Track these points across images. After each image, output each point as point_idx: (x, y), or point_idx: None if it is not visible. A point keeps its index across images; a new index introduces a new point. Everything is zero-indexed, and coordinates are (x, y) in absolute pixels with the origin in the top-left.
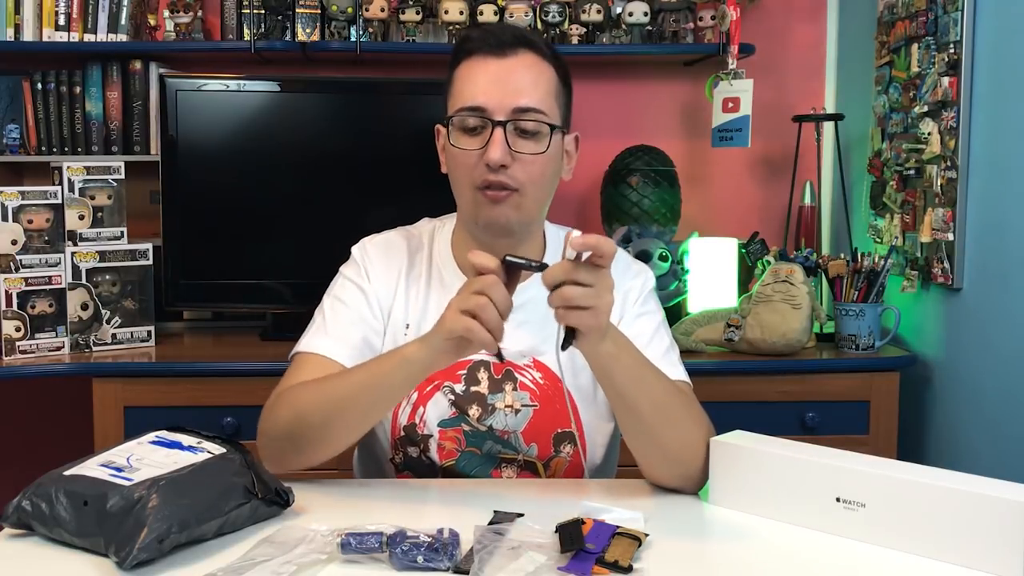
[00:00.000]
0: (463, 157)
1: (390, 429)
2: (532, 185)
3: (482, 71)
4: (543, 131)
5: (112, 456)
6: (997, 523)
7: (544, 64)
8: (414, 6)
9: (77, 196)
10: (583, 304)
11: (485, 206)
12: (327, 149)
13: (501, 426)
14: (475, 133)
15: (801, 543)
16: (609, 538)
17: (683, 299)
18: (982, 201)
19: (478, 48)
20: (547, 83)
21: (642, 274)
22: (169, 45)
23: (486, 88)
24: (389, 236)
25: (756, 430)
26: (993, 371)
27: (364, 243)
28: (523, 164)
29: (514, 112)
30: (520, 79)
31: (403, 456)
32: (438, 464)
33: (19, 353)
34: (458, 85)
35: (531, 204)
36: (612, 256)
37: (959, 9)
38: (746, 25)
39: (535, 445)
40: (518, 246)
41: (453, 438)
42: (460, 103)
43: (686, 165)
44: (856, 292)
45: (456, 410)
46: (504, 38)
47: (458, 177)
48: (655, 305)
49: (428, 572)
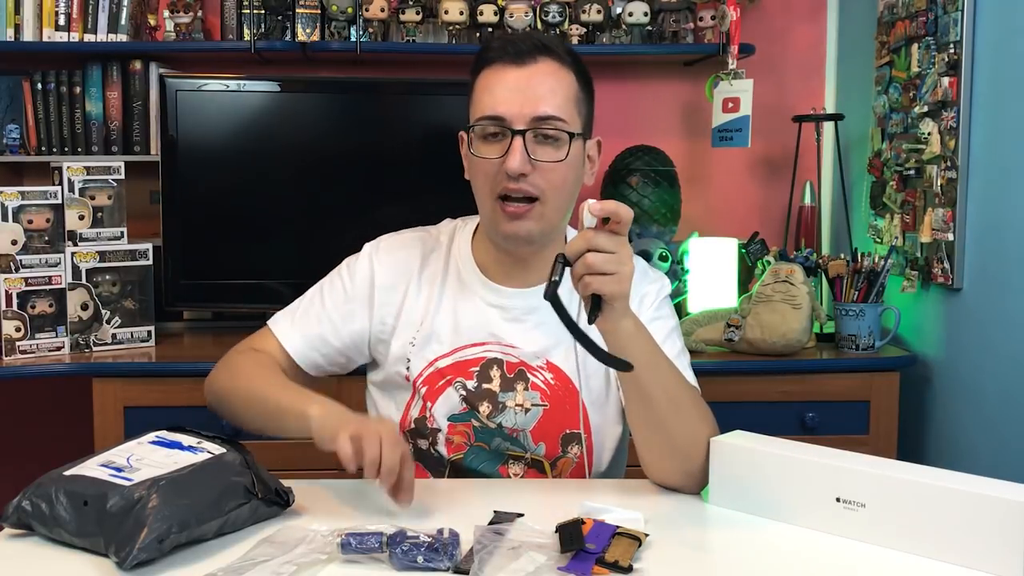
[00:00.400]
0: (483, 165)
1: (400, 421)
2: (553, 192)
3: (501, 80)
4: (563, 138)
5: (112, 456)
6: (997, 523)
7: (564, 71)
8: (414, 6)
9: (77, 196)
10: (607, 270)
11: (504, 219)
12: (327, 149)
13: (511, 424)
14: (496, 141)
15: (801, 543)
16: (609, 538)
17: (683, 299)
18: (982, 201)
19: (498, 57)
20: (566, 90)
21: (659, 280)
22: (169, 45)
23: (505, 97)
24: (404, 236)
25: (756, 430)
26: (993, 371)
27: (379, 240)
28: (543, 172)
29: (533, 121)
30: (538, 87)
31: (412, 448)
32: (446, 458)
33: (19, 353)
34: (478, 94)
35: (552, 213)
36: (629, 221)
37: (959, 9)
38: (746, 25)
39: (543, 444)
40: (539, 253)
41: (463, 432)
42: (480, 112)
43: (686, 165)
44: (856, 292)
45: (467, 406)
46: (523, 46)
47: (479, 185)
48: (669, 311)
49: (428, 572)
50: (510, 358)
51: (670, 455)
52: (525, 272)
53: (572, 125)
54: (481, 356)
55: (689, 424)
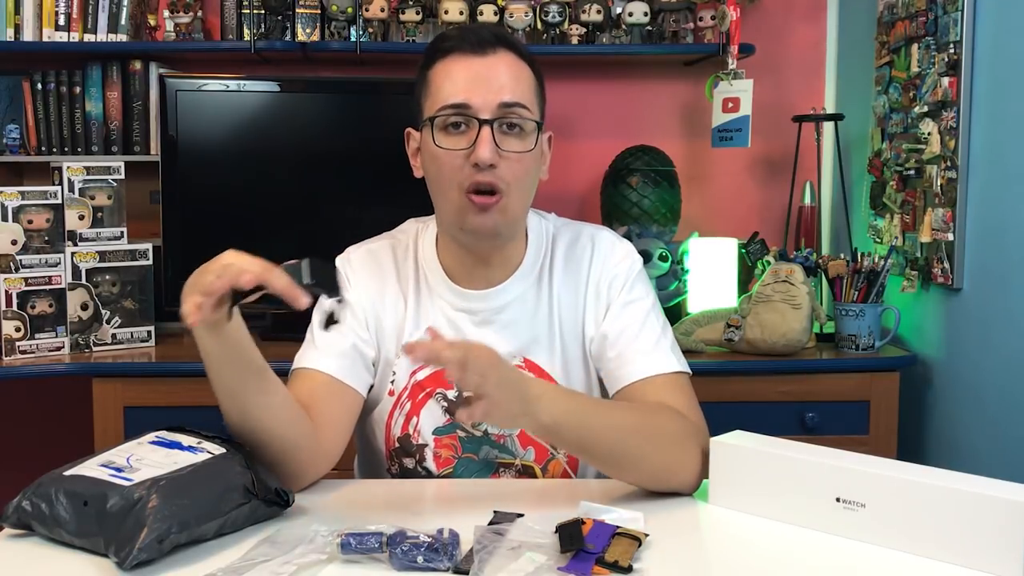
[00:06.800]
0: (448, 158)
1: (384, 440)
2: (517, 184)
3: (463, 69)
4: (528, 128)
5: (112, 456)
6: (997, 523)
7: (522, 64)
8: (414, 6)
9: (77, 196)
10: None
11: (472, 213)
12: (327, 149)
13: (496, 430)
14: (458, 132)
15: (801, 543)
16: (609, 538)
17: (683, 299)
18: (982, 201)
19: (457, 46)
20: (527, 81)
21: (628, 258)
22: (169, 45)
23: (469, 85)
24: (372, 246)
25: (756, 430)
26: (993, 371)
27: (348, 252)
28: (509, 163)
29: (500, 107)
30: (502, 76)
31: (399, 467)
32: (435, 474)
33: (19, 353)
34: (437, 84)
35: (516, 205)
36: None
37: (959, 9)
38: (746, 25)
39: (531, 449)
40: (500, 250)
41: (449, 445)
42: (442, 101)
43: (686, 165)
44: (856, 292)
45: (450, 417)
46: (484, 35)
47: (442, 179)
48: (644, 290)
49: (428, 572)
50: None
51: (649, 482)
52: (488, 270)
53: (536, 115)
54: None
55: (655, 456)
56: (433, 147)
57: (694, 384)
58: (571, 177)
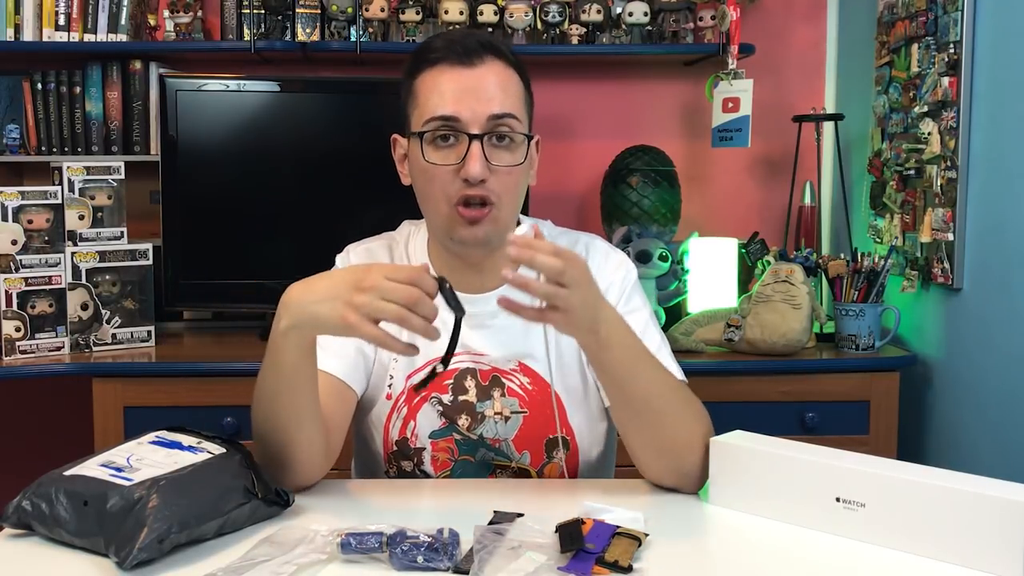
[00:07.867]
0: (437, 172)
1: (382, 444)
2: (508, 196)
3: (450, 80)
4: (518, 140)
5: (112, 456)
6: (997, 523)
7: (510, 71)
8: (414, 6)
9: (77, 196)
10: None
11: (461, 225)
12: (327, 149)
13: (492, 434)
14: (447, 145)
15: (801, 543)
16: (609, 538)
17: (683, 299)
18: (982, 201)
19: (443, 57)
20: (516, 89)
21: (622, 266)
22: (169, 45)
23: (457, 97)
24: (371, 245)
25: (756, 430)
26: (993, 371)
27: (347, 250)
28: (499, 176)
29: (489, 120)
30: (490, 87)
31: (397, 470)
32: (433, 477)
33: (19, 353)
34: (424, 95)
35: (506, 216)
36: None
37: (959, 9)
38: (746, 25)
39: (527, 453)
40: (491, 256)
41: (445, 448)
42: (429, 114)
43: (686, 165)
44: (856, 292)
45: (446, 420)
46: (470, 45)
47: (432, 192)
48: (640, 300)
49: (428, 572)
50: (482, 366)
51: (659, 456)
52: (480, 276)
53: (525, 126)
54: (453, 368)
55: (676, 426)
56: (422, 161)
57: (693, 384)
58: (571, 177)
